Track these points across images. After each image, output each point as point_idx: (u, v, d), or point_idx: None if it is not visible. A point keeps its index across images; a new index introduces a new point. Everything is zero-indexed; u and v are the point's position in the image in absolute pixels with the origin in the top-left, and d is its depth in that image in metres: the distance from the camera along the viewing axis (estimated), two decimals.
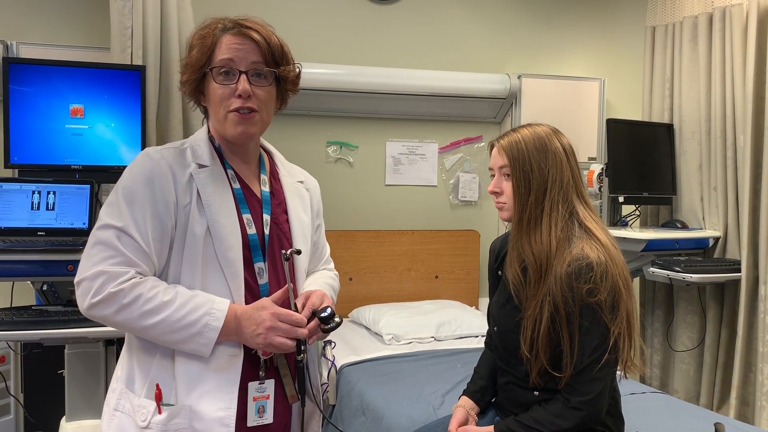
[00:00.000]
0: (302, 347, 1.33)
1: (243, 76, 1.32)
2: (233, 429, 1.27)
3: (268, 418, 1.36)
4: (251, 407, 1.33)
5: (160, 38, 2.68)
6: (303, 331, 1.30)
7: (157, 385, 1.27)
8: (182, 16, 2.76)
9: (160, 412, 1.26)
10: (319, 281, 1.55)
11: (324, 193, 1.64)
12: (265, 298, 1.33)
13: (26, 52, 2.78)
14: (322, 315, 1.34)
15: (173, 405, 1.27)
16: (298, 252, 1.40)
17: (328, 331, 1.36)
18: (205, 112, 1.44)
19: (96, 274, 1.22)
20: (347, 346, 2.90)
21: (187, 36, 1.42)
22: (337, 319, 1.36)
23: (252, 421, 1.34)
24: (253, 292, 1.36)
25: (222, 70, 1.32)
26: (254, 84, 1.33)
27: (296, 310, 1.33)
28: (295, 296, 1.40)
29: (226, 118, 1.34)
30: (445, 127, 3.71)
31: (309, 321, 1.33)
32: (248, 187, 1.42)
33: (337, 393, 2.62)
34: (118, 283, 1.22)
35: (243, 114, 1.32)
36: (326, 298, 1.40)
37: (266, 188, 1.45)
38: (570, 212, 1.54)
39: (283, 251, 1.36)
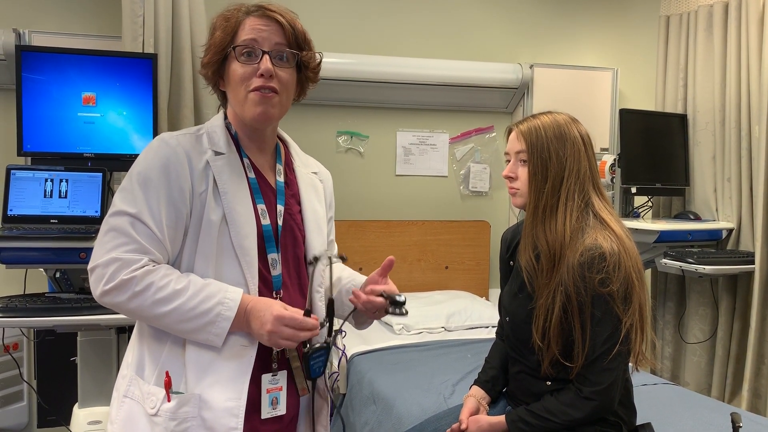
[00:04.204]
0: (308, 343, 1.34)
1: (266, 56, 1.31)
2: (242, 420, 1.26)
3: (282, 409, 1.35)
4: (265, 399, 1.33)
5: (172, 26, 2.68)
6: (306, 334, 1.28)
7: (167, 373, 1.26)
8: (193, 4, 2.76)
9: (169, 400, 1.25)
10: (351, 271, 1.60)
11: (334, 183, 1.64)
12: (275, 300, 1.30)
13: (38, 41, 2.78)
14: (399, 299, 1.36)
15: (182, 393, 1.26)
16: (343, 258, 1.40)
17: (390, 314, 1.38)
18: (223, 98, 1.43)
19: (109, 261, 1.22)
20: (357, 336, 2.90)
21: (199, 24, 1.43)
22: (404, 310, 1.38)
23: (266, 412, 1.33)
24: (266, 283, 1.35)
25: (245, 50, 1.31)
26: (276, 65, 1.32)
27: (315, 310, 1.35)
28: (305, 293, 1.41)
29: (246, 99, 1.32)
30: (456, 117, 3.70)
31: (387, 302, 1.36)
32: (263, 176, 1.41)
33: (347, 382, 2.63)
34: (130, 270, 1.21)
35: (264, 93, 1.31)
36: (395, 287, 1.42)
37: (281, 178, 1.44)
38: (585, 203, 1.53)
39: (313, 257, 1.38)
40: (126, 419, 1.30)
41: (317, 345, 1.35)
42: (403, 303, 1.36)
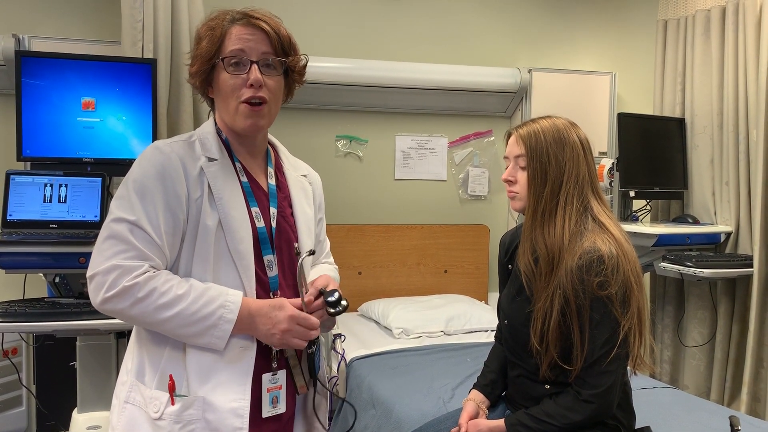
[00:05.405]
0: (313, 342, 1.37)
1: (254, 66, 1.32)
2: (247, 419, 1.28)
3: (281, 407, 1.37)
4: (265, 398, 1.34)
5: (171, 32, 2.69)
6: (315, 333, 1.33)
7: (170, 376, 1.27)
8: (193, 10, 2.77)
9: (173, 403, 1.26)
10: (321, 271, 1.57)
11: (333, 187, 1.65)
12: (282, 298, 1.34)
13: (38, 46, 2.78)
14: (330, 299, 1.36)
15: (186, 396, 1.27)
16: (312, 252, 1.41)
17: (334, 315, 1.37)
18: (212, 104, 1.44)
19: (110, 269, 1.23)
20: (357, 340, 2.90)
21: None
22: (344, 303, 1.37)
23: (267, 411, 1.35)
24: (263, 285, 1.37)
25: (233, 60, 1.32)
26: (264, 74, 1.34)
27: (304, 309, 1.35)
28: (306, 290, 1.41)
29: (237, 110, 1.34)
30: (455, 122, 3.70)
31: (315, 299, 1.36)
32: (255, 180, 1.43)
33: (347, 386, 2.63)
34: (132, 276, 1.22)
35: (253, 106, 1.33)
36: (332, 282, 1.42)
37: (273, 181, 1.46)
38: (584, 206, 1.53)
39: (296, 245, 1.36)
40: (128, 425, 1.30)
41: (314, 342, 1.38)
42: (338, 301, 1.36)
